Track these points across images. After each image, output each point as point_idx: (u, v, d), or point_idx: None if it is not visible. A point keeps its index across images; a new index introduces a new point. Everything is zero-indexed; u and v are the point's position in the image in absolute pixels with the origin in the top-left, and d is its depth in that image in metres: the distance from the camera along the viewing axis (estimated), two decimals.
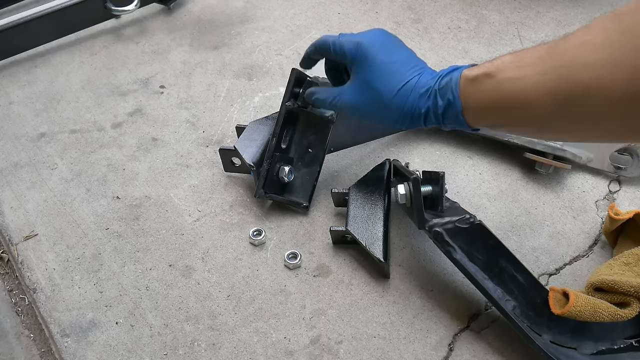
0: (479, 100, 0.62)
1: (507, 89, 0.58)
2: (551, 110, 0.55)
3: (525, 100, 0.57)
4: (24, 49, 1.17)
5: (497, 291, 0.72)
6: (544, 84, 0.55)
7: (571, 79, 0.53)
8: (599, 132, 0.57)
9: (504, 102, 0.59)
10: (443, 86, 0.65)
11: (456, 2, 1.26)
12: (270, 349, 0.76)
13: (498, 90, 0.59)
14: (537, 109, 0.56)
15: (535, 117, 0.58)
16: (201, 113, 1.06)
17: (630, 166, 0.91)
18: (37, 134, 1.04)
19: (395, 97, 0.68)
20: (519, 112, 0.58)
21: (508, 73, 0.58)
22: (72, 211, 0.92)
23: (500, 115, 0.61)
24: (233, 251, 0.87)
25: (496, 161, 0.97)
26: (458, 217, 0.74)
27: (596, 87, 0.51)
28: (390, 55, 0.71)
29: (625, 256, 0.75)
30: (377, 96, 0.69)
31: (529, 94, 0.56)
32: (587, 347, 0.70)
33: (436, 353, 0.75)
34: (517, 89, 0.57)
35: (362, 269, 0.84)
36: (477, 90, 0.62)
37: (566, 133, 0.61)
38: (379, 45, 0.71)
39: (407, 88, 0.68)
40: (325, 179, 0.94)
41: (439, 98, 0.65)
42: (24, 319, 0.84)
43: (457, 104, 0.63)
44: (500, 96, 0.59)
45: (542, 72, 0.55)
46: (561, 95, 0.54)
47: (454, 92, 0.63)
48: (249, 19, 1.25)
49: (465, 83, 0.63)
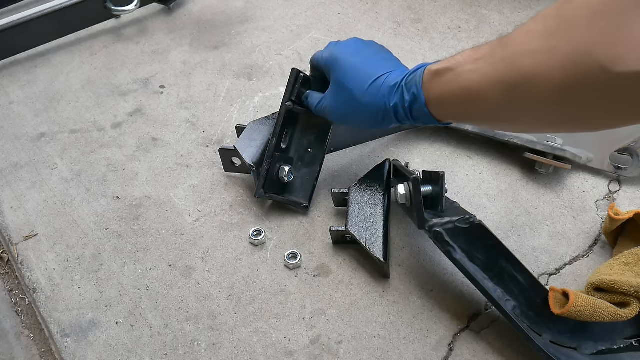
0: (440, 93, 0.65)
1: (464, 80, 0.61)
2: (499, 99, 0.57)
3: (478, 91, 0.59)
4: (24, 49, 1.17)
5: (497, 291, 0.72)
6: (492, 74, 0.57)
7: (515, 67, 0.55)
8: (541, 121, 0.59)
9: (461, 94, 0.61)
10: (409, 81, 0.68)
11: (456, 2, 1.26)
12: (270, 349, 0.76)
13: (456, 81, 0.62)
14: (487, 98, 0.58)
15: (487, 107, 0.60)
16: (201, 113, 1.06)
17: (630, 166, 0.91)
18: (37, 134, 1.04)
19: (366, 93, 0.72)
20: (474, 103, 0.61)
21: (465, 66, 0.61)
22: (72, 211, 0.92)
23: (459, 107, 0.64)
24: (233, 251, 0.87)
25: (496, 161, 0.97)
26: (458, 217, 0.74)
27: (535, 74, 0.53)
28: (361, 57, 0.75)
29: (625, 256, 0.75)
30: (349, 95, 0.73)
31: (481, 85, 0.59)
32: (587, 347, 0.71)
33: (436, 353, 0.75)
34: (472, 80, 0.60)
35: (362, 269, 0.84)
36: (439, 83, 0.64)
37: (514, 123, 0.62)
38: (351, 50, 0.76)
39: (377, 84, 0.71)
40: (325, 179, 0.94)
41: (405, 92, 0.68)
42: (24, 319, 0.84)
43: (421, 96, 0.66)
44: (458, 87, 0.62)
45: (492, 62, 0.57)
46: (506, 84, 0.56)
47: (417, 86, 0.66)
48: (249, 19, 1.25)
49: (428, 77, 0.66)
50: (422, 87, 0.66)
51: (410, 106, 0.68)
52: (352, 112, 0.74)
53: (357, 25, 1.23)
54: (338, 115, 0.77)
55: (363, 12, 1.26)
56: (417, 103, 0.67)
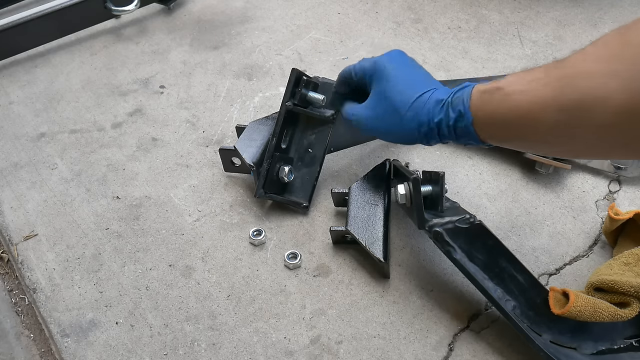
0: (488, 113, 0.63)
1: (515, 100, 0.59)
2: (553, 121, 0.56)
3: (530, 112, 0.58)
4: (24, 49, 1.17)
5: (497, 291, 0.72)
6: (547, 94, 0.56)
7: (572, 88, 0.54)
8: (595, 145, 0.57)
9: (512, 114, 0.60)
10: (455, 98, 0.66)
11: (456, 2, 1.26)
12: (270, 349, 0.76)
13: (506, 101, 0.60)
14: (541, 120, 0.57)
15: (540, 129, 0.58)
16: (201, 113, 1.06)
17: (630, 166, 0.91)
18: (37, 134, 1.04)
19: (410, 108, 0.69)
20: (526, 124, 0.59)
21: (517, 86, 0.59)
22: (72, 211, 0.92)
23: (508, 128, 0.62)
24: (233, 251, 0.87)
25: (496, 161, 0.97)
26: (458, 217, 0.74)
27: (594, 96, 0.52)
28: (406, 71, 0.73)
29: (625, 256, 0.75)
30: (392, 107, 0.71)
31: (534, 106, 0.57)
32: (587, 347, 0.71)
33: (436, 353, 0.75)
34: (524, 100, 0.58)
35: (362, 269, 0.84)
36: (487, 102, 0.62)
37: (566, 147, 0.61)
38: (396, 62, 0.73)
39: (422, 100, 0.69)
40: (325, 179, 0.94)
41: (451, 110, 0.66)
42: (24, 319, 0.84)
43: (468, 115, 0.64)
44: (508, 108, 0.60)
45: (547, 82, 0.56)
46: (561, 106, 0.55)
47: (464, 104, 0.64)
48: (249, 19, 1.25)
49: (476, 95, 0.64)
50: (470, 105, 0.64)
51: (455, 124, 0.66)
52: (392, 126, 0.72)
53: (357, 25, 1.23)
54: (376, 128, 0.74)
55: (363, 12, 1.26)
56: (462, 121, 0.65)
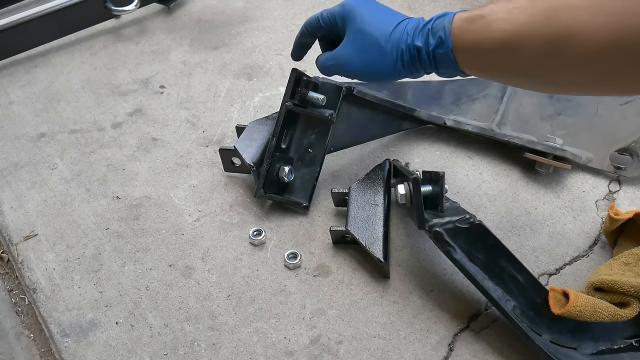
0: (469, 40, 0.62)
1: (496, 29, 0.59)
2: (534, 52, 0.56)
3: (511, 41, 0.57)
4: (24, 49, 1.17)
5: (497, 291, 0.72)
6: (530, 25, 0.55)
7: (556, 21, 0.53)
8: (574, 80, 0.57)
9: (492, 42, 0.59)
10: (436, 25, 0.66)
11: (456, 2, 1.26)
12: (270, 349, 0.76)
13: (487, 29, 0.59)
14: (521, 50, 0.57)
15: (520, 60, 0.58)
16: (201, 113, 1.06)
17: (630, 166, 0.91)
18: (37, 134, 1.04)
19: (390, 37, 0.69)
20: (506, 54, 0.59)
21: (499, 14, 0.59)
22: (72, 211, 0.92)
23: (488, 57, 0.61)
24: (233, 251, 0.87)
25: (496, 161, 0.97)
26: (458, 217, 0.74)
27: (577, 30, 0.51)
28: (377, 6, 0.73)
29: (625, 256, 0.75)
30: (372, 39, 0.70)
31: (516, 35, 0.57)
32: (587, 347, 0.71)
33: (436, 353, 0.75)
34: (505, 29, 0.58)
35: (362, 269, 0.84)
36: (468, 29, 0.62)
37: (543, 80, 0.60)
38: (365, 1, 0.73)
39: (400, 28, 0.69)
40: (325, 179, 0.94)
41: (431, 36, 0.66)
42: (24, 319, 0.84)
43: (448, 41, 0.63)
44: (489, 36, 0.59)
45: (530, 13, 0.56)
46: (544, 36, 0.54)
47: (445, 30, 0.64)
48: (249, 19, 1.25)
49: (458, 23, 0.63)
50: (451, 32, 0.63)
51: (435, 50, 0.65)
52: (374, 59, 0.70)
53: None
54: (356, 66, 0.72)
55: None
56: (442, 48, 0.64)
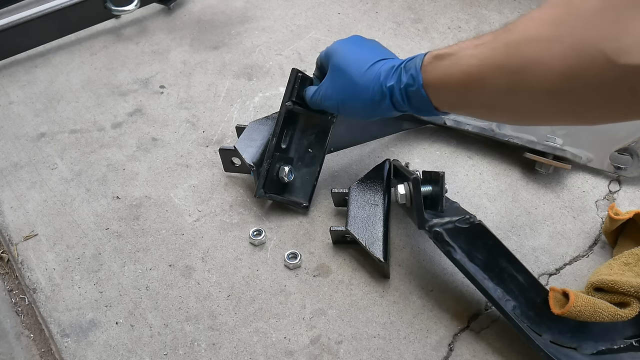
0: (439, 76, 0.64)
1: (464, 64, 0.60)
2: (499, 85, 0.57)
3: (477, 75, 0.58)
4: (24, 49, 1.17)
5: (497, 291, 0.72)
6: (493, 59, 0.56)
7: (517, 53, 0.54)
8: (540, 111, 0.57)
9: (461, 78, 0.61)
10: (408, 64, 0.68)
11: (456, 2, 1.26)
12: (270, 349, 0.76)
13: (456, 65, 0.61)
14: (487, 84, 0.58)
15: (486, 94, 0.59)
16: (201, 113, 1.06)
17: (630, 166, 0.91)
18: (37, 134, 1.04)
19: (364, 75, 0.72)
20: (473, 88, 0.60)
21: (467, 51, 0.60)
22: (72, 211, 0.92)
23: (457, 92, 0.63)
24: (233, 251, 0.87)
25: (496, 161, 0.97)
26: (458, 217, 0.74)
27: (537, 61, 0.52)
28: (359, 47, 0.76)
29: (625, 256, 0.75)
30: (347, 78, 0.74)
31: (482, 69, 0.58)
32: (587, 347, 0.71)
33: (436, 353, 0.75)
34: (471, 64, 0.59)
35: (362, 269, 0.84)
36: (438, 66, 0.64)
37: (514, 112, 0.61)
38: (349, 41, 0.78)
39: (375, 67, 0.71)
40: (325, 179, 0.94)
41: (403, 74, 0.68)
42: (24, 319, 0.84)
43: (419, 78, 0.65)
44: (457, 71, 0.61)
45: (494, 47, 0.57)
46: (507, 69, 0.55)
47: (416, 68, 0.66)
48: (249, 19, 1.25)
49: (429, 60, 0.65)
50: (421, 69, 0.65)
51: (407, 88, 0.67)
52: (348, 97, 0.74)
53: (357, 25, 1.22)
54: (334, 102, 0.76)
55: (363, 12, 1.26)
56: (414, 85, 0.66)
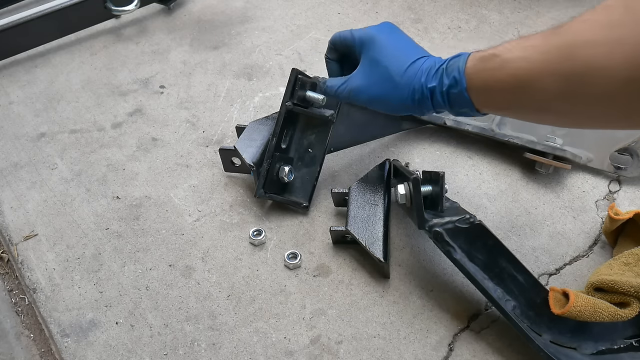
0: (484, 79, 0.61)
1: (512, 67, 0.58)
2: (552, 89, 0.55)
3: (528, 79, 0.57)
4: (24, 49, 1.17)
5: (497, 291, 0.72)
6: (546, 62, 0.55)
7: (572, 57, 0.52)
8: (598, 115, 0.56)
9: (508, 81, 0.59)
10: (450, 65, 0.65)
11: (456, 2, 1.26)
12: (270, 349, 0.76)
13: (503, 68, 0.59)
14: (539, 88, 0.56)
15: (538, 97, 0.57)
16: (201, 113, 1.06)
17: (630, 166, 0.91)
18: (37, 134, 1.04)
19: (405, 73, 0.68)
20: (522, 92, 0.58)
21: (514, 52, 0.58)
22: (72, 211, 0.92)
23: (504, 95, 0.61)
24: (233, 251, 0.87)
25: (496, 161, 0.97)
26: (458, 217, 0.74)
27: (596, 66, 0.51)
28: (398, 38, 0.72)
29: (625, 256, 0.75)
30: (385, 74, 0.70)
31: (532, 72, 0.56)
32: (587, 347, 0.71)
33: (436, 353, 0.75)
34: (521, 67, 0.57)
35: (362, 269, 0.84)
36: (483, 68, 0.61)
37: (567, 116, 0.59)
38: (387, 30, 0.73)
39: (416, 66, 0.68)
40: (325, 179, 0.94)
41: (445, 76, 0.65)
42: (24, 319, 0.84)
43: (462, 81, 0.63)
44: (505, 74, 0.59)
45: (546, 50, 0.55)
46: (562, 74, 0.53)
47: (460, 70, 0.63)
48: (249, 19, 1.25)
49: (472, 62, 0.63)
50: (465, 72, 0.63)
51: (449, 90, 0.65)
52: (385, 93, 0.70)
53: (357, 25, 1.21)
54: (369, 96, 0.72)
55: (363, 12, 1.26)
56: (457, 88, 0.64)
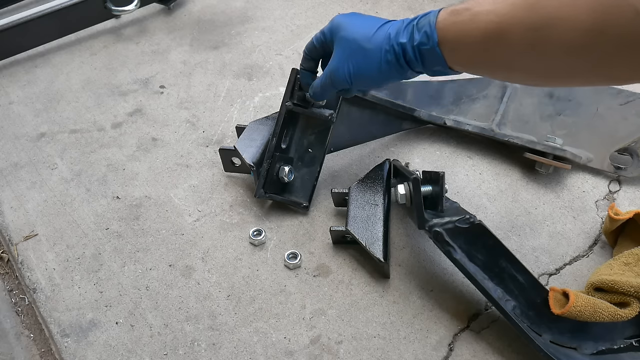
0: (455, 32, 0.61)
1: (481, 20, 0.58)
2: (520, 42, 0.55)
3: (496, 32, 0.57)
4: (24, 49, 1.18)
5: (497, 291, 0.72)
6: (514, 14, 0.55)
7: (538, 8, 0.53)
8: (562, 70, 0.56)
9: (479, 35, 0.58)
10: (421, 20, 0.65)
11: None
12: (270, 349, 0.76)
13: (473, 21, 0.59)
14: (507, 40, 0.56)
15: (508, 50, 0.57)
16: (201, 113, 1.06)
17: (630, 166, 0.91)
18: (37, 134, 1.04)
19: (372, 38, 0.68)
20: (492, 45, 0.58)
21: (484, 5, 0.58)
22: (72, 211, 0.92)
23: (474, 49, 0.60)
24: (233, 251, 0.87)
25: (496, 161, 0.97)
26: (458, 217, 0.74)
27: (560, 17, 0.51)
28: (364, 17, 0.72)
29: (625, 256, 0.75)
30: (355, 45, 0.70)
31: (501, 26, 0.56)
32: (587, 347, 0.71)
33: (436, 353, 0.75)
34: (490, 20, 0.57)
35: (362, 269, 0.84)
36: (454, 21, 0.61)
37: (534, 71, 0.59)
38: (353, 15, 0.73)
39: (384, 29, 0.68)
40: (325, 179, 0.94)
41: (416, 31, 0.65)
42: (24, 319, 0.84)
43: (434, 35, 0.62)
44: (474, 28, 0.59)
45: (513, 2, 0.55)
46: (528, 26, 0.54)
47: (431, 24, 0.63)
48: (249, 19, 1.25)
49: (443, 16, 0.63)
50: (436, 26, 0.62)
51: (420, 47, 0.64)
52: (359, 63, 0.70)
53: None
54: (345, 72, 0.71)
55: (363, 12, 1.25)
56: (428, 43, 0.63)
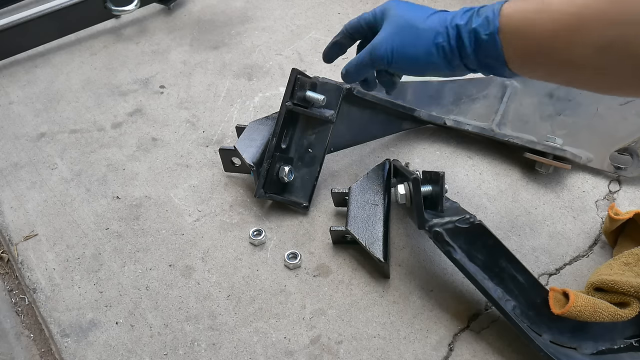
0: (519, 21, 0.54)
1: (554, 10, 0.51)
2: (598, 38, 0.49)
3: (571, 24, 0.50)
4: (24, 49, 1.17)
5: (497, 291, 0.72)
6: (596, 6, 0.49)
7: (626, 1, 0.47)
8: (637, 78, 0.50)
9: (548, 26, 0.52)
10: (484, 8, 0.58)
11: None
12: (270, 349, 0.76)
13: (543, 10, 0.52)
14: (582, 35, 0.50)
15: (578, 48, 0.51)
16: (201, 113, 1.06)
17: (630, 166, 0.91)
18: (37, 134, 1.04)
19: (427, 19, 0.64)
20: (562, 39, 0.52)
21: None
22: (72, 211, 0.92)
23: (540, 43, 0.53)
24: (233, 251, 0.87)
25: (496, 161, 0.97)
26: (458, 217, 0.74)
27: None
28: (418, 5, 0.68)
29: (625, 256, 0.75)
30: (407, 23, 0.65)
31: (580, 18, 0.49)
32: (587, 347, 0.71)
33: (436, 353, 0.75)
34: (565, 10, 0.51)
35: (362, 269, 0.84)
36: (521, 9, 0.54)
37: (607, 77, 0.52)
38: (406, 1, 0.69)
39: (440, 14, 0.64)
40: (325, 179, 0.94)
41: (476, 15, 0.59)
42: (24, 319, 0.84)
43: (495, 21, 0.55)
44: (545, 18, 0.52)
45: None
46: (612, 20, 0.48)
47: (494, 10, 0.56)
48: (249, 19, 1.25)
49: (510, 4, 0.56)
50: (500, 12, 0.55)
51: (477, 33, 0.57)
52: (404, 42, 0.64)
53: None
54: (388, 47, 0.66)
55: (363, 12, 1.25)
56: (487, 29, 0.56)
